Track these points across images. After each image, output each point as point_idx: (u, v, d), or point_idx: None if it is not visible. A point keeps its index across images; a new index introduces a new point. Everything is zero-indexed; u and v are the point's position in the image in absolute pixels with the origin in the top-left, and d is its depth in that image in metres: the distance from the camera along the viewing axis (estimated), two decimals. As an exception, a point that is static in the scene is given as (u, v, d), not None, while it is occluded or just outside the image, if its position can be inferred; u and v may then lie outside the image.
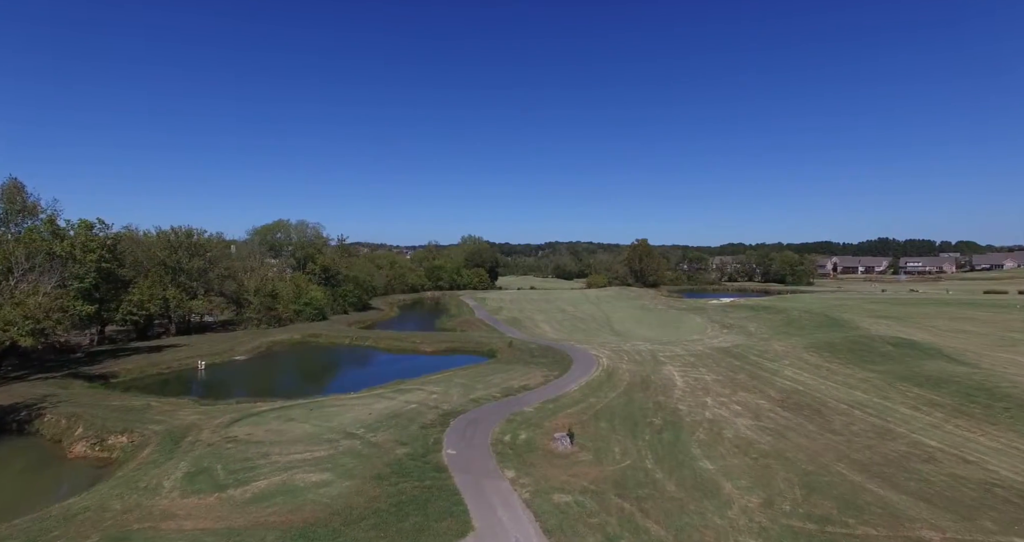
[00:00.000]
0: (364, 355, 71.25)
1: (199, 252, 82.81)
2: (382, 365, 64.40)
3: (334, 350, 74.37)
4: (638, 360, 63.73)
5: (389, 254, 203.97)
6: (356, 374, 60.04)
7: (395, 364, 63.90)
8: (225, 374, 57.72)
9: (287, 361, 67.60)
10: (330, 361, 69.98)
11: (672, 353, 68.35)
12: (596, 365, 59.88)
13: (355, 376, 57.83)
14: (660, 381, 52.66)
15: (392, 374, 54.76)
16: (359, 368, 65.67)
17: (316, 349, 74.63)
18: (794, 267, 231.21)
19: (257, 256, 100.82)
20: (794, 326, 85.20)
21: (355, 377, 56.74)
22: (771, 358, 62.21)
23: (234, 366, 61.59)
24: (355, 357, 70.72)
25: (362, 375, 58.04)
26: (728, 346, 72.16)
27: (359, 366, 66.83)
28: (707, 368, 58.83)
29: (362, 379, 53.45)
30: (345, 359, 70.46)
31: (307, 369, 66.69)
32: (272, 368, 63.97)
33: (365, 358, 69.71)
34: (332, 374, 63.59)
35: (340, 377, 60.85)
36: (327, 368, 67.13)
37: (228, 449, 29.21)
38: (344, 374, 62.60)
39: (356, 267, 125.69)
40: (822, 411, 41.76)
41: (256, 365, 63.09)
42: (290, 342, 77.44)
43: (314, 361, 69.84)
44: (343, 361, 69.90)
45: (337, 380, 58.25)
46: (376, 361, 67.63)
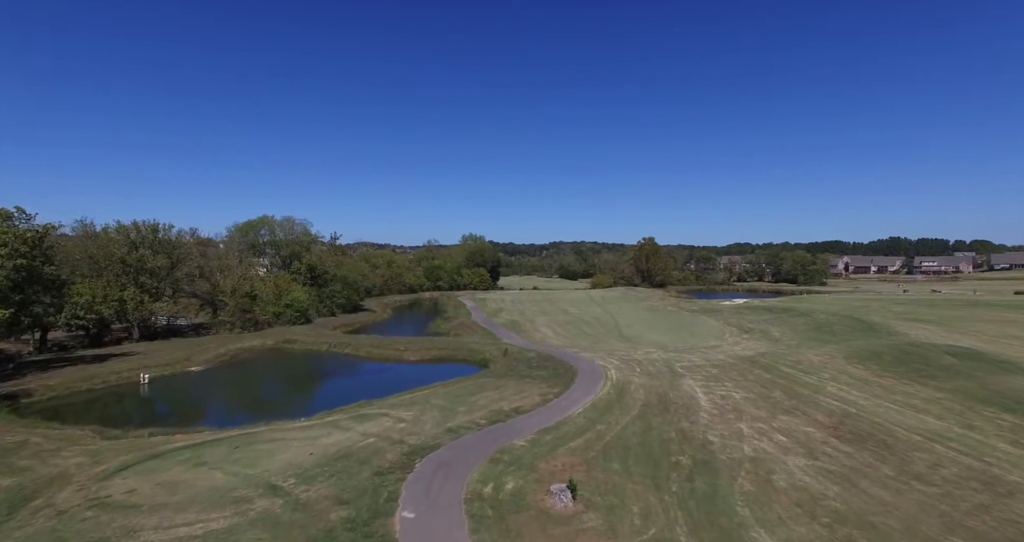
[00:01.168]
0: (339, 365, 62.30)
1: (165, 249, 74.18)
2: (355, 378, 55.40)
3: (307, 359, 65.47)
4: (652, 372, 54.58)
5: (387, 253, 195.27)
6: (319, 391, 50.81)
7: (370, 376, 55.07)
8: (167, 391, 48.69)
9: (246, 374, 58.16)
10: (296, 373, 60.41)
11: (690, 363, 59.12)
12: (604, 379, 50.78)
13: (317, 394, 48.93)
14: (681, 400, 43.52)
15: (361, 391, 45.88)
16: (326, 382, 56.29)
17: (287, 358, 65.72)
18: (806, 267, 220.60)
19: (235, 254, 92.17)
20: (824, 331, 75.64)
21: (316, 395, 47.93)
22: (807, 370, 52.85)
23: (184, 380, 52.66)
24: (327, 368, 61.53)
25: (325, 393, 48.98)
26: (752, 355, 62.81)
27: (327, 380, 57.50)
28: (733, 382, 49.60)
29: (323, 398, 44.71)
30: (315, 371, 61.13)
31: (264, 385, 56.76)
32: (224, 383, 54.27)
33: (338, 369, 60.57)
34: (290, 391, 53.60)
35: (298, 395, 50.98)
36: (288, 383, 57.20)
37: (83, 522, 20.38)
38: (304, 391, 52.99)
39: (347, 266, 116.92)
40: (892, 445, 32.48)
41: (209, 379, 53.93)
42: (261, 349, 68.70)
43: (277, 373, 60.33)
44: (311, 373, 60.37)
45: (292, 400, 48.45)
46: (350, 372, 58.58)
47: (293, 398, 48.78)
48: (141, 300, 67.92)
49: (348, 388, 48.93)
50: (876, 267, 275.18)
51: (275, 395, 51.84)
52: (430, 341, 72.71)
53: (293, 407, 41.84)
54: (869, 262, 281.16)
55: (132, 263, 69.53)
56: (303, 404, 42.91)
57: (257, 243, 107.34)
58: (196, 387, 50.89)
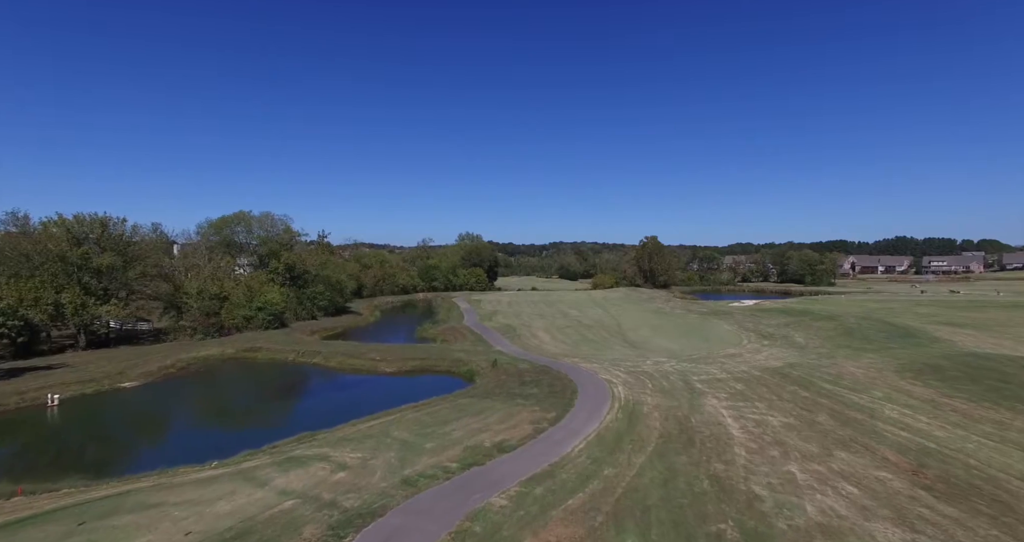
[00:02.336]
0: (301, 378, 53.36)
1: (116, 246, 65.30)
2: (313, 396, 46.37)
3: (267, 371, 56.48)
4: (666, 387, 45.63)
5: (379, 252, 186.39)
6: (258, 417, 40.43)
7: (332, 394, 46.17)
8: (77, 417, 39.32)
9: (185, 392, 48.35)
10: (245, 391, 50.73)
11: (709, 375, 50.16)
12: (609, 398, 41.83)
13: (254, 421, 39.38)
14: (707, 428, 34.57)
15: (311, 416, 37.10)
16: (273, 404, 45.55)
17: (245, 369, 56.72)
18: (814, 267, 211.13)
19: (203, 252, 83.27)
20: (856, 337, 66.51)
21: (252, 423, 38.61)
22: (851, 386, 43.80)
23: (107, 400, 43.26)
24: (286, 382, 52.02)
25: (265, 419, 39.56)
26: (780, 365, 53.80)
27: (277, 400, 47.10)
28: (765, 402, 40.61)
29: (258, 429, 35.88)
30: (268, 387, 51.14)
31: (197, 407, 45.60)
32: (150, 406, 44.21)
33: (298, 384, 51.38)
34: (222, 418, 42.38)
35: (228, 424, 40.44)
36: (227, 405, 46.00)
37: None
38: (241, 417, 42.01)
39: (331, 266, 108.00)
40: (1008, 503, 23.49)
41: (137, 399, 44.40)
42: (218, 358, 59.82)
43: (223, 391, 50.50)
44: (262, 391, 50.25)
45: (218, 431, 38.50)
46: (309, 389, 49.51)
47: (221, 428, 38.76)
48: (83, 303, 59.06)
49: (297, 412, 40.03)
50: (884, 267, 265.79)
51: (201, 423, 41.47)
52: (411, 349, 63.71)
53: (213, 443, 32.63)
54: (876, 262, 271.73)
55: (74, 261, 60.68)
56: (228, 438, 33.82)
57: (233, 241, 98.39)
58: (113, 411, 41.05)
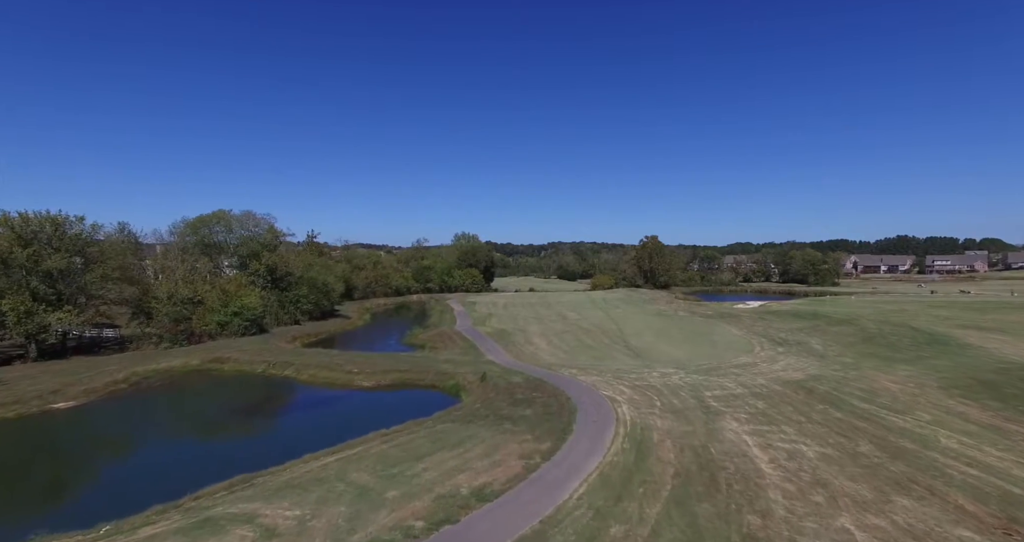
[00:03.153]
0: (266, 396, 47.22)
1: (72, 247, 59.22)
2: (271, 421, 39.85)
3: (230, 386, 50.29)
4: (677, 406, 39.70)
5: (372, 253, 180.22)
6: (197, 450, 33.42)
7: (293, 417, 40.14)
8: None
9: (125, 415, 41.05)
10: (194, 413, 42.76)
11: (723, 390, 44.26)
12: (613, 421, 35.89)
13: (192, 455, 32.60)
14: (730, 461, 28.64)
15: (260, 450, 31.14)
16: (220, 432, 37.94)
17: (205, 384, 50.50)
18: (816, 266, 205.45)
19: (175, 254, 77.16)
20: (879, 344, 60.58)
21: (189, 458, 32.08)
22: (891, 406, 37.87)
23: (28, 427, 35.84)
24: (246, 401, 45.15)
25: (204, 454, 32.47)
26: (802, 378, 47.88)
27: (226, 426, 38.94)
28: (794, 426, 34.69)
29: (191, 467, 29.54)
30: (224, 408, 43.41)
31: (127, 437, 36.75)
32: (71, 435, 36.78)
33: (259, 403, 44.59)
34: (151, 452, 33.79)
35: (156, 461, 32.32)
36: (166, 432, 37.76)
37: None
38: (174, 452, 33.57)
39: (317, 268, 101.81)
40: None
41: (62, 426, 37.32)
42: (180, 371, 53.78)
43: (169, 413, 42.63)
44: (216, 412, 42.27)
45: (136, 471, 30.91)
46: (270, 409, 43.00)
47: (144, 468, 31.17)
48: (29, 310, 53.01)
49: (246, 443, 33.89)
50: (886, 266, 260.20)
51: (124, 460, 33.61)
52: (394, 360, 57.63)
53: (123, 491, 26.28)
54: (879, 261, 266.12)
55: (21, 263, 54.61)
56: (147, 482, 27.65)
57: (212, 242, 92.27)
58: (21, 444, 34.26)
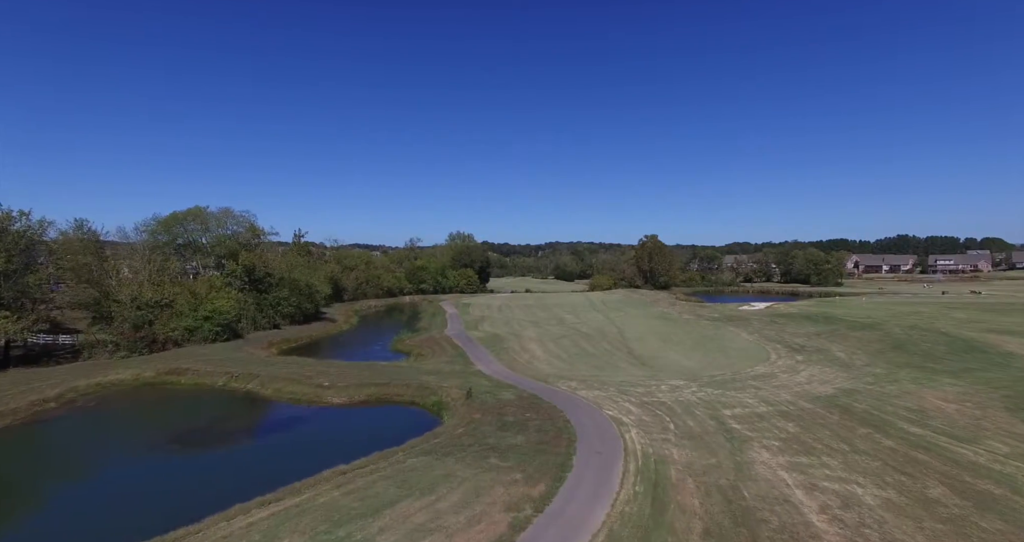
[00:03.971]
0: (217, 416, 40.51)
1: (14, 246, 52.75)
2: (211, 451, 32.78)
3: (181, 403, 43.70)
4: (694, 431, 33.51)
5: (363, 253, 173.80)
6: (98, 500, 26.01)
7: (241, 447, 33.35)
8: None
9: (39, 445, 34.35)
10: (123, 440, 34.95)
11: (744, 408, 38.11)
12: (621, 452, 29.66)
13: (87, 507, 25.43)
14: (769, 510, 22.46)
15: (178, 499, 24.86)
16: (141, 468, 30.31)
17: (152, 401, 43.79)
18: (819, 266, 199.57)
19: (143, 252, 70.66)
20: (911, 352, 54.44)
21: (82, 510, 25.26)
22: (949, 430, 31.69)
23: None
24: (190, 425, 37.53)
25: (104, 506, 24.96)
26: (832, 393, 41.71)
27: (154, 460, 31.15)
28: (837, 456, 28.51)
29: (78, 527, 23.10)
30: (163, 433, 35.32)
31: (19, 482, 28.44)
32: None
33: (206, 427, 37.03)
34: (36, 505, 25.98)
35: (32, 518, 24.53)
36: (72, 472, 30.19)
37: None
38: (66, 503, 26.05)
39: (300, 268, 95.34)
40: None
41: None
42: (129, 385, 47.34)
43: (93, 442, 35.00)
44: (150, 439, 34.48)
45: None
46: (218, 435, 35.75)
47: (6, 529, 23.53)
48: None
49: (161, 488, 27.14)
50: (888, 266, 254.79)
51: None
52: (373, 370, 51.25)
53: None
54: (880, 261, 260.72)
55: (-48, 264, 48.18)
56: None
57: (189, 241, 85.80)
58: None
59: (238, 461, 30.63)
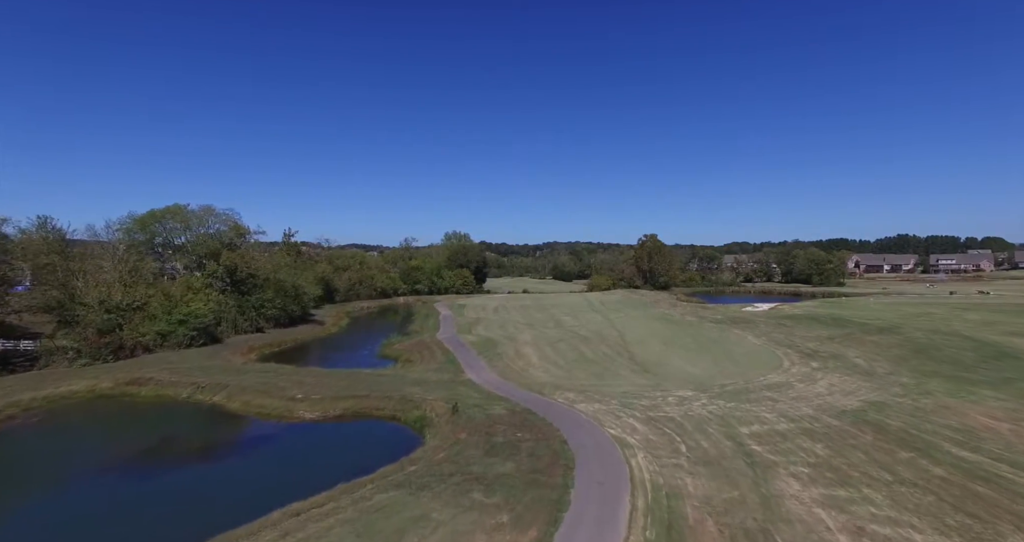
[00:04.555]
0: (172, 434, 35.98)
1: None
2: (146, 483, 27.50)
3: (136, 418, 39.12)
4: (710, 454, 29.10)
5: (358, 253, 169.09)
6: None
7: (186, 476, 28.72)
8: None
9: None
10: (46, 469, 29.26)
11: (763, 424, 33.73)
12: (627, 484, 25.27)
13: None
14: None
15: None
16: (52, 509, 24.92)
17: (105, 416, 39.08)
18: (821, 266, 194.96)
19: (115, 251, 65.99)
20: (936, 359, 50.05)
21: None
22: (1008, 456, 27.35)
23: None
24: (136, 447, 32.70)
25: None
26: (859, 407, 37.31)
27: (74, 500, 25.76)
28: (879, 487, 24.16)
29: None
30: (101, 456, 31.05)
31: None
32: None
33: (153, 450, 32.21)
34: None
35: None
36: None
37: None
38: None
39: (285, 269, 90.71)
40: None
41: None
42: (83, 397, 42.79)
43: (10, 471, 29.29)
44: (78, 469, 29.11)
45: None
46: (163, 460, 30.84)
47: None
48: None
49: (69, 532, 22.62)
50: (889, 266, 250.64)
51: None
52: (352, 379, 46.73)
53: None
54: (881, 260, 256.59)
55: None
56: None
57: (168, 239, 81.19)
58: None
59: (176, 495, 26.05)
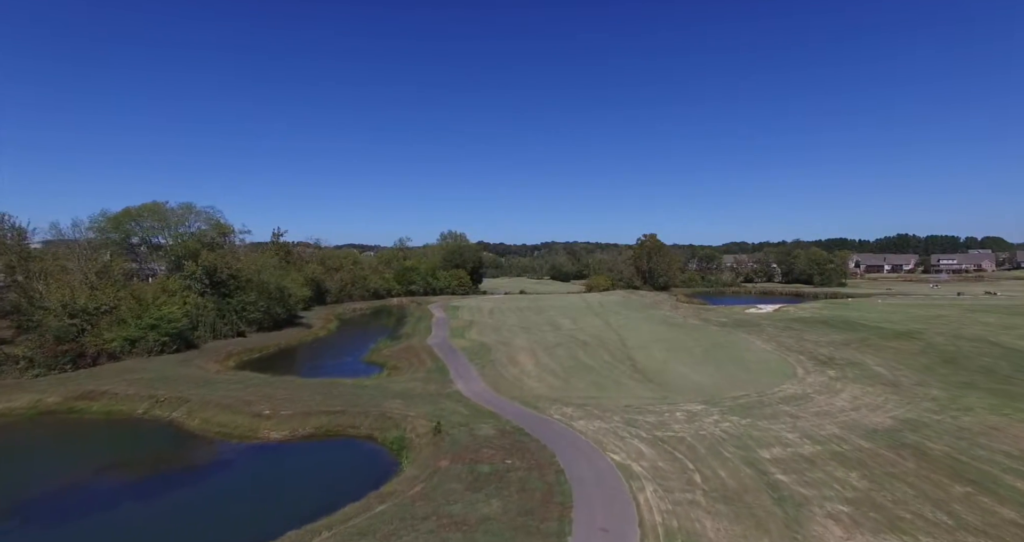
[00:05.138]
0: (107, 463, 30.99)
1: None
2: (59, 529, 23.52)
3: (73, 441, 34.43)
4: (728, 486, 24.76)
5: (351, 253, 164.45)
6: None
7: (93, 524, 24.09)
8: None
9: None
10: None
11: (785, 447, 29.43)
12: (635, 528, 20.92)
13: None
14: None
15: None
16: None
17: (38, 439, 34.13)
18: (823, 266, 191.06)
19: (81, 253, 61.45)
20: (969, 368, 45.76)
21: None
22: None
23: None
24: (56, 483, 26.81)
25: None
26: (892, 425, 33.03)
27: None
28: (940, 534, 19.77)
29: None
30: (6, 501, 24.82)
31: None
32: None
33: (73, 485, 26.10)
34: None
35: None
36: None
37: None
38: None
39: (269, 269, 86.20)
40: None
41: None
42: (23, 415, 38.30)
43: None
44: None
45: None
46: (75, 503, 25.92)
47: None
48: None
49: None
50: (890, 266, 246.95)
51: None
52: (328, 392, 42.26)
53: None
54: (882, 260, 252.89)
55: None
56: None
57: (143, 238, 76.69)
58: None
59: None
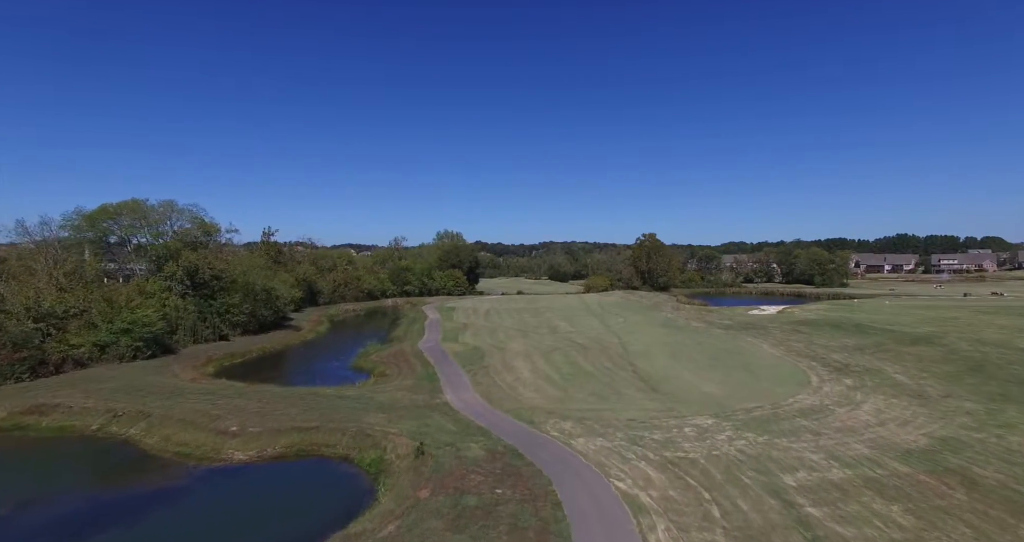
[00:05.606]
0: (39, 496, 27.09)
1: None
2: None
3: (12, 465, 30.83)
4: (752, 523, 21.14)
5: (345, 253, 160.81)
6: None
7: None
8: None
9: None
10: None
11: (812, 472, 25.86)
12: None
13: None
14: None
15: None
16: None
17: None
18: (824, 266, 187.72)
19: (49, 253, 57.63)
20: (1001, 378, 42.11)
21: None
22: None
23: None
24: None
25: None
26: (929, 445, 29.50)
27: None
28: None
29: None
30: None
31: None
32: None
33: (7, 521, 24.55)
34: None
35: None
36: None
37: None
38: None
39: (255, 270, 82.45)
40: None
41: None
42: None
43: None
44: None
45: None
46: (18, 532, 23.32)
47: None
48: None
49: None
50: (890, 266, 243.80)
51: None
52: (305, 404, 38.57)
53: None
54: (882, 260, 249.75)
55: None
56: None
57: (121, 237, 72.90)
58: None
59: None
